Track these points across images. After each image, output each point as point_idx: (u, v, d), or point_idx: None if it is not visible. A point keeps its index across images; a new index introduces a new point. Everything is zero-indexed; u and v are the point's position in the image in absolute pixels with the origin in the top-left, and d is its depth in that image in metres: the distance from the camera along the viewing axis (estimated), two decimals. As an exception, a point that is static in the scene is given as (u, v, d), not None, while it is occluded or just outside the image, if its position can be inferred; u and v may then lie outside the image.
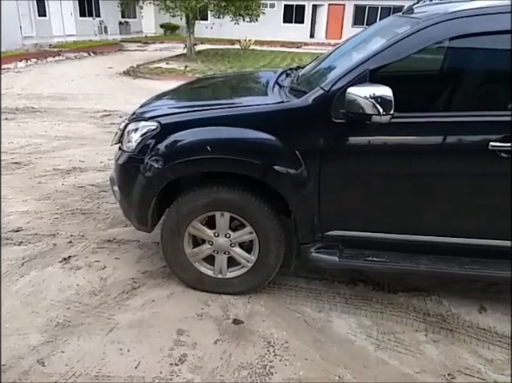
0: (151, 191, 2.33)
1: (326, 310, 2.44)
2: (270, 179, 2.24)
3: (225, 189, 2.30)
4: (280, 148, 2.20)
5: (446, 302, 2.52)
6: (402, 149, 2.15)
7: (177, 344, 2.16)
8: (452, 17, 2.07)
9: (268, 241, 2.36)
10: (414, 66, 2.64)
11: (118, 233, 3.20)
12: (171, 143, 2.29)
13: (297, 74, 2.92)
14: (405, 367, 2.07)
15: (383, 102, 1.92)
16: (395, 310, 2.45)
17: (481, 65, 2.40)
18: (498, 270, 2.23)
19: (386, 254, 2.34)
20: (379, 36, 2.45)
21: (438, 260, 2.29)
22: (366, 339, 2.24)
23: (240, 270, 2.49)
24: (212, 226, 2.40)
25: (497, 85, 2.31)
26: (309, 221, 2.32)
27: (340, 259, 2.33)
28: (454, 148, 2.11)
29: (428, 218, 2.26)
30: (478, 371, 2.06)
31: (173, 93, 3.16)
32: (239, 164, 2.23)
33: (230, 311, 2.40)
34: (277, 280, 2.61)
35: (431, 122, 2.12)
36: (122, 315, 2.35)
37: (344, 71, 2.15)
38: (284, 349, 2.15)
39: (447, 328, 2.33)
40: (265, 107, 2.32)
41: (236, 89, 3.25)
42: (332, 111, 2.11)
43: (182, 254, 2.46)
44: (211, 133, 2.27)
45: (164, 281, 2.64)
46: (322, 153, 2.18)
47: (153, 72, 11.77)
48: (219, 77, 4.12)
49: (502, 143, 2.00)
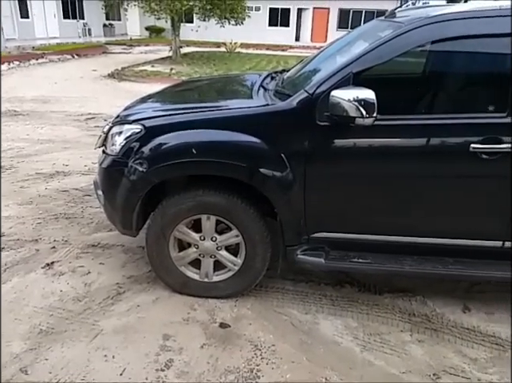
0: (136, 194, 2.31)
1: (313, 312, 2.45)
2: (256, 182, 2.24)
3: (210, 192, 2.29)
4: (265, 150, 2.20)
5: (430, 303, 2.55)
6: (385, 151, 2.17)
7: (163, 349, 2.14)
8: (434, 21, 2.11)
9: (254, 244, 2.36)
10: (397, 69, 2.68)
11: (102, 237, 3.16)
12: (155, 146, 2.27)
13: (281, 77, 2.93)
14: (391, 367, 2.08)
15: (366, 105, 1.94)
16: (381, 311, 2.47)
17: (462, 68, 2.45)
18: (480, 269, 2.27)
19: (371, 255, 2.36)
20: (362, 39, 2.48)
21: (422, 261, 2.31)
22: (352, 340, 2.25)
23: (226, 273, 2.48)
24: (198, 229, 2.39)
25: (477, 88, 2.36)
26: (294, 223, 2.33)
27: (326, 261, 2.34)
28: (437, 150, 2.14)
29: (412, 219, 2.29)
30: (463, 370, 2.09)
31: (158, 96, 3.14)
32: (225, 167, 2.23)
33: (217, 315, 2.39)
34: (263, 283, 2.61)
35: (413, 125, 2.14)
36: (107, 321, 2.32)
37: (328, 74, 2.17)
38: (271, 353, 2.14)
39: (431, 328, 2.35)
40: (249, 110, 2.32)
41: (221, 92, 3.25)
42: (317, 114, 2.13)
43: (167, 259, 2.44)
44: (196, 136, 2.27)
45: (150, 286, 2.62)
46: (307, 156, 2.19)
47: (138, 74, 11.69)
48: (204, 80, 4.11)
49: (482, 145, 2.04)
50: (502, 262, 2.28)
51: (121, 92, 9.11)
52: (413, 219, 2.29)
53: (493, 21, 2.12)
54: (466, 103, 2.29)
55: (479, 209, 2.20)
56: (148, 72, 12.18)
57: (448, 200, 2.20)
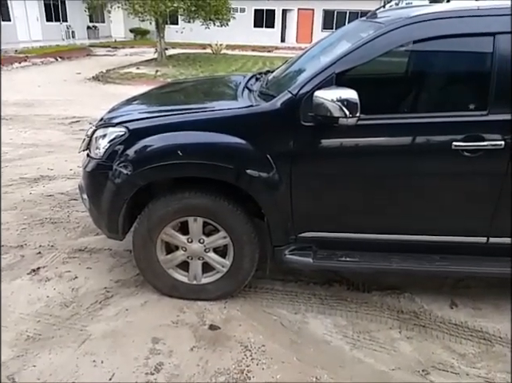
0: (121, 197, 2.29)
1: (302, 312, 2.46)
2: (243, 183, 2.24)
3: (197, 194, 2.28)
4: (251, 151, 2.21)
5: (418, 299, 2.58)
6: (370, 151, 2.19)
7: (152, 353, 2.13)
8: (413, 22, 2.14)
9: (242, 245, 2.36)
10: (380, 69, 2.71)
11: (89, 242, 3.12)
12: (140, 148, 2.26)
13: (266, 78, 2.94)
14: (380, 365, 2.10)
15: (349, 105, 1.95)
16: (370, 309, 2.49)
17: (443, 67, 2.48)
18: (466, 265, 2.31)
19: (359, 253, 2.38)
20: (345, 40, 2.50)
21: (409, 258, 2.34)
22: (342, 339, 2.26)
23: (215, 275, 2.47)
24: (185, 232, 2.38)
25: (458, 87, 2.39)
26: (282, 223, 2.33)
27: (314, 260, 2.35)
28: (420, 149, 2.17)
29: (398, 217, 2.31)
30: (452, 366, 2.12)
31: (143, 98, 3.13)
32: (211, 169, 2.22)
33: (206, 317, 2.38)
34: (252, 284, 2.61)
35: (396, 124, 2.17)
36: (95, 326, 2.29)
37: (311, 75, 2.18)
38: (261, 353, 2.14)
39: (420, 324, 2.38)
40: (234, 111, 2.32)
41: (206, 94, 3.24)
42: (301, 114, 2.14)
43: (155, 262, 2.42)
44: (181, 138, 2.26)
45: (138, 289, 2.60)
46: (293, 156, 2.20)
47: (123, 77, 11.60)
48: (189, 82, 4.10)
49: (464, 142, 2.07)
50: (487, 257, 2.32)
51: (106, 95, 9.02)
52: (399, 217, 2.31)
53: (471, 20, 2.15)
54: (448, 101, 2.33)
55: (463, 206, 2.24)
56: (133, 74, 12.10)
57: (433, 198, 2.23)
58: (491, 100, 2.09)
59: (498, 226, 2.23)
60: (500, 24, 2.10)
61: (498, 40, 2.07)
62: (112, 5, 15.81)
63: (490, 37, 2.09)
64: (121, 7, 15.30)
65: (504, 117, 2.08)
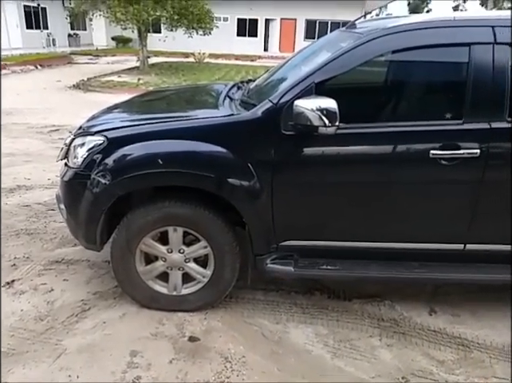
0: (99, 207, 2.25)
1: (283, 322, 2.44)
2: (224, 192, 2.23)
3: (177, 203, 2.26)
4: (232, 160, 2.20)
5: (398, 307, 2.59)
6: (349, 159, 2.21)
7: (130, 366, 2.08)
8: (391, 32, 2.18)
9: (223, 254, 2.34)
10: (359, 79, 2.74)
11: (66, 253, 3.05)
12: (119, 157, 2.23)
13: (247, 87, 2.95)
14: (361, 373, 2.10)
15: (328, 114, 1.97)
16: (351, 317, 2.49)
17: (420, 77, 2.53)
18: (444, 272, 2.34)
19: (339, 262, 2.38)
20: (325, 50, 2.53)
21: (388, 266, 2.36)
22: (323, 348, 2.26)
23: (196, 285, 2.44)
24: (165, 242, 2.35)
25: (435, 96, 2.45)
26: (263, 232, 2.33)
27: (296, 269, 2.34)
28: (398, 157, 2.20)
29: (378, 225, 2.33)
30: (431, 373, 2.13)
31: (124, 106, 3.10)
32: (192, 178, 2.21)
33: (186, 329, 2.34)
34: (234, 294, 2.58)
35: (375, 133, 2.19)
36: (71, 340, 2.23)
37: (292, 84, 2.20)
38: (241, 364, 2.12)
39: (399, 332, 2.39)
40: (215, 120, 2.32)
41: (187, 102, 3.23)
42: (282, 123, 2.15)
43: (134, 273, 2.38)
44: (161, 147, 2.24)
45: (116, 301, 2.54)
46: (274, 165, 2.20)
47: (104, 85, 11.49)
48: (171, 90, 4.09)
49: (441, 151, 2.11)
50: (464, 264, 2.36)
51: (87, 103, 8.91)
52: (379, 225, 2.33)
53: (448, 31, 2.21)
54: (425, 110, 2.37)
55: (441, 214, 2.27)
56: (115, 82, 12.00)
57: (411, 206, 2.26)
58: (467, 110, 2.13)
59: (475, 233, 2.27)
60: (475, 34, 2.16)
61: (473, 50, 2.12)
62: (93, 12, 15.69)
63: (465, 47, 2.15)
64: (103, 15, 15.20)
65: (479, 126, 2.13)
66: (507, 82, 2.10)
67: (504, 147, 2.15)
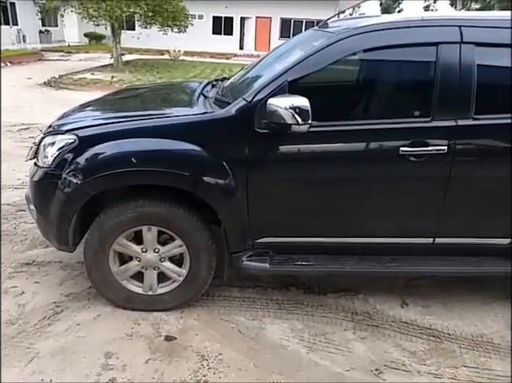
0: (71, 207, 2.21)
1: (260, 318, 2.46)
2: (200, 191, 2.23)
3: (151, 202, 2.24)
4: (207, 158, 2.20)
5: (371, 300, 2.65)
6: (322, 157, 2.24)
7: (105, 368, 2.05)
8: (361, 32, 2.22)
9: (199, 253, 2.33)
10: (331, 77, 2.78)
11: (38, 255, 2.98)
12: (91, 156, 2.20)
13: (222, 85, 2.95)
14: (336, 366, 2.14)
15: (301, 112, 2.00)
16: (326, 312, 2.53)
17: (390, 75, 2.59)
18: (415, 265, 2.40)
19: (314, 257, 2.42)
20: (298, 48, 2.55)
21: (361, 260, 2.41)
22: (299, 343, 2.28)
23: (171, 284, 2.43)
24: (139, 241, 2.33)
25: (405, 94, 2.51)
26: (239, 230, 2.34)
27: (271, 266, 2.37)
28: (369, 154, 2.25)
29: (350, 220, 2.37)
30: (403, 364, 2.18)
31: (96, 104, 3.05)
32: (167, 176, 2.20)
33: (162, 328, 2.33)
34: (210, 292, 2.58)
35: (346, 130, 2.23)
36: (43, 343, 2.19)
37: (265, 82, 2.21)
38: (218, 362, 2.12)
39: (373, 324, 2.44)
40: (188, 118, 2.31)
41: (161, 100, 3.20)
42: (256, 121, 2.16)
43: (108, 273, 2.35)
44: (135, 145, 2.22)
45: (90, 302, 2.50)
46: (248, 163, 2.21)
47: (77, 83, 11.23)
48: (145, 88, 4.03)
49: (410, 147, 2.16)
50: (433, 257, 2.43)
51: (58, 101, 8.69)
52: (351, 221, 2.37)
53: (416, 31, 2.26)
54: (395, 108, 2.42)
55: (411, 209, 2.33)
56: (88, 80, 11.75)
57: (382, 201, 2.31)
58: (435, 107, 2.19)
59: (444, 227, 2.34)
60: (442, 34, 2.22)
61: (440, 49, 2.19)
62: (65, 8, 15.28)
63: (433, 46, 2.20)
64: (75, 11, 14.83)
65: (446, 123, 2.19)
66: (473, 81, 2.17)
67: (470, 143, 2.23)
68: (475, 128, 2.20)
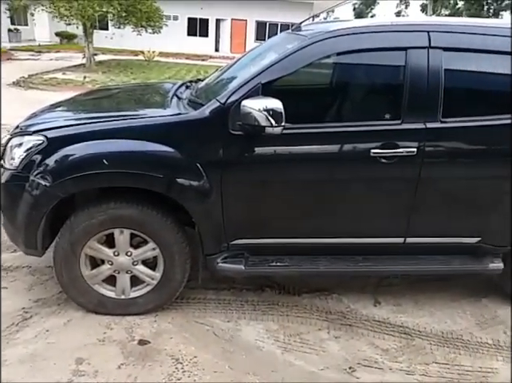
0: (39, 211, 2.16)
1: (235, 319, 2.46)
2: (173, 193, 2.21)
3: (122, 205, 2.21)
4: (180, 160, 2.19)
5: (345, 299, 2.69)
6: (295, 158, 2.27)
7: (76, 374, 2.00)
8: (333, 36, 2.25)
9: (172, 255, 2.31)
10: (304, 80, 2.82)
11: (5, 259, 2.88)
12: (60, 158, 2.15)
13: (196, 86, 2.94)
14: (310, 366, 2.16)
15: (274, 114, 2.01)
16: (300, 312, 2.55)
17: (361, 79, 2.64)
18: (386, 265, 2.46)
19: (288, 258, 2.44)
20: (271, 51, 2.57)
21: (335, 260, 2.44)
22: (274, 343, 2.29)
23: (145, 288, 2.39)
24: (111, 244, 2.29)
25: (376, 97, 2.56)
26: (213, 232, 2.33)
27: (246, 267, 2.37)
28: (342, 156, 2.28)
29: (324, 221, 2.40)
30: (376, 361, 2.22)
31: (67, 104, 2.98)
32: (140, 178, 2.17)
33: (136, 332, 2.30)
34: (185, 294, 2.56)
35: (319, 132, 2.26)
36: (11, 350, 2.12)
37: (239, 84, 2.22)
38: (193, 365, 2.11)
39: (346, 323, 2.48)
40: (162, 119, 2.29)
41: (134, 101, 3.16)
42: (230, 123, 2.16)
43: (79, 278, 2.30)
44: (106, 146, 2.18)
45: (60, 308, 2.44)
46: (222, 164, 2.21)
47: (47, 83, 10.95)
48: (117, 88, 3.96)
49: (381, 150, 2.21)
50: (405, 256, 2.49)
51: (28, 102, 8.42)
52: (325, 221, 2.40)
53: (386, 36, 2.32)
54: (367, 111, 2.47)
55: (382, 209, 2.38)
56: (59, 80, 11.47)
57: (354, 202, 2.35)
58: (404, 110, 2.25)
59: (414, 227, 2.40)
60: (411, 39, 2.28)
61: (409, 54, 2.24)
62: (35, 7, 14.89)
63: (402, 51, 2.26)
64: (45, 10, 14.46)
65: (416, 126, 2.25)
66: (440, 85, 2.23)
67: (438, 145, 2.29)
68: (443, 131, 2.27)
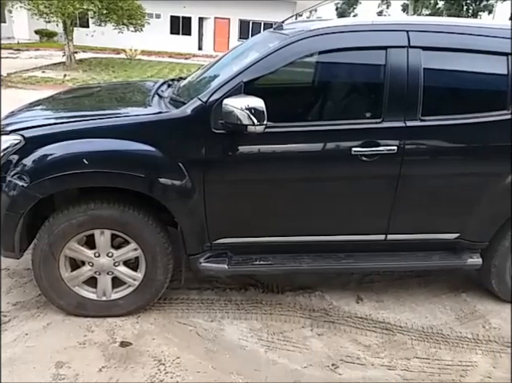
0: (16, 212, 2.11)
1: (218, 319, 2.45)
2: (155, 192, 2.19)
3: (103, 205, 2.18)
4: (162, 159, 2.17)
5: (328, 297, 2.70)
6: (278, 157, 2.27)
7: (56, 378, 1.97)
8: (314, 35, 2.26)
9: (155, 256, 2.29)
10: (286, 79, 2.82)
11: (-18, 262, 2.82)
12: (39, 157, 2.11)
13: (178, 85, 2.91)
14: (293, 364, 2.16)
15: (256, 113, 2.01)
16: (284, 310, 2.55)
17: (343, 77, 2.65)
18: (368, 261, 2.48)
19: (272, 256, 2.45)
20: (253, 50, 2.57)
21: (318, 258, 2.46)
22: (257, 342, 2.29)
23: (127, 289, 2.36)
24: (92, 245, 2.25)
25: (357, 96, 2.58)
26: (196, 231, 2.32)
27: (230, 266, 2.37)
28: (323, 154, 2.29)
29: (306, 219, 2.41)
30: (358, 357, 2.24)
31: (46, 103, 2.92)
32: (122, 178, 2.14)
33: (117, 334, 2.27)
34: (168, 295, 2.54)
35: (301, 131, 2.27)
36: (-12, 356, 2.07)
37: (221, 83, 2.21)
38: (175, 366, 2.09)
39: (329, 321, 2.50)
40: (142, 117, 2.27)
41: (114, 99, 3.11)
42: (212, 121, 2.15)
43: (58, 280, 2.25)
44: (87, 146, 2.15)
45: (40, 311, 2.39)
46: (205, 163, 2.20)
47: (26, 81, 10.71)
48: (98, 87, 3.90)
49: (362, 148, 2.23)
50: (386, 253, 2.52)
51: (6, 101, 8.20)
52: (308, 219, 2.41)
53: (366, 35, 2.33)
54: (348, 110, 2.49)
55: (364, 207, 2.40)
56: (38, 78, 11.23)
57: (336, 200, 2.37)
58: (385, 109, 2.27)
59: (395, 224, 2.42)
60: (391, 38, 2.30)
61: (389, 53, 2.26)
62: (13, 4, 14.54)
63: (382, 50, 2.28)
64: (24, 7, 14.14)
65: (396, 124, 2.27)
66: (420, 83, 2.26)
67: (417, 143, 2.32)
68: (422, 129, 2.30)
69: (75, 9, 13.07)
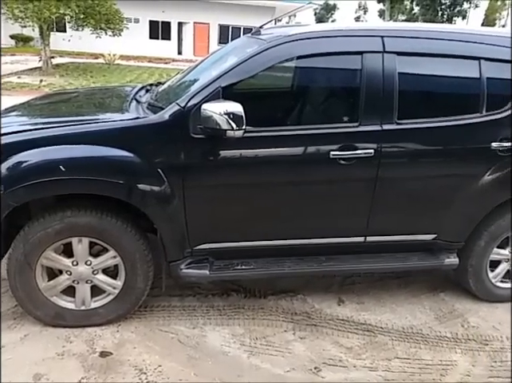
0: (-10, 221, 2.05)
1: (200, 326, 2.43)
2: (134, 199, 2.17)
3: (80, 212, 2.14)
4: (140, 165, 2.15)
5: (310, 300, 2.71)
6: (257, 161, 2.27)
7: (34, 391, 1.92)
8: (291, 40, 2.28)
9: (134, 263, 2.26)
10: (264, 84, 2.84)
11: (-45, 274, 2.72)
12: (13, 165, 2.06)
13: (156, 90, 2.89)
14: (276, 368, 2.16)
15: (235, 118, 2.01)
16: (266, 314, 2.55)
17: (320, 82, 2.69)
18: (349, 263, 2.51)
19: (254, 261, 2.45)
20: (232, 55, 2.57)
21: (299, 261, 2.47)
22: (240, 348, 2.28)
23: (106, 297, 2.33)
24: (70, 254, 2.21)
25: (335, 100, 2.61)
26: (176, 238, 2.30)
27: (211, 272, 2.36)
28: (302, 159, 2.30)
29: (287, 223, 2.41)
30: (340, 360, 2.26)
31: (21, 109, 2.86)
32: (100, 185, 2.11)
33: (97, 344, 2.22)
34: (148, 303, 2.51)
35: (280, 135, 2.28)
36: (-38, 370, 2.00)
37: (199, 88, 2.21)
38: (157, 374, 2.06)
39: (312, 324, 2.51)
40: (120, 123, 2.24)
41: (91, 105, 3.07)
42: (190, 126, 2.14)
43: (35, 290, 2.20)
44: (63, 152, 2.11)
45: (16, 322, 2.33)
46: (184, 169, 2.19)
47: (2, 87, 10.46)
48: (75, 92, 3.84)
49: (340, 151, 2.25)
50: (366, 255, 2.55)
51: (-20, 107, 8.04)
52: (288, 223, 2.42)
53: (343, 40, 2.37)
54: (326, 114, 2.52)
55: (343, 210, 2.42)
56: (14, 84, 11.00)
57: (316, 204, 2.38)
58: (361, 113, 2.30)
59: (373, 226, 2.46)
60: (366, 44, 2.34)
61: (365, 58, 2.30)
62: (-15, 7, 14.21)
63: (358, 55, 2.31)
64: (-3, 11, 13.83)
65: (373, 128, 2.31)
66: (395, 88, 2.31)
67: (394, 146, 2.37)
68: (398, 132, 2.34)
69: (51, 14, 12.84)
